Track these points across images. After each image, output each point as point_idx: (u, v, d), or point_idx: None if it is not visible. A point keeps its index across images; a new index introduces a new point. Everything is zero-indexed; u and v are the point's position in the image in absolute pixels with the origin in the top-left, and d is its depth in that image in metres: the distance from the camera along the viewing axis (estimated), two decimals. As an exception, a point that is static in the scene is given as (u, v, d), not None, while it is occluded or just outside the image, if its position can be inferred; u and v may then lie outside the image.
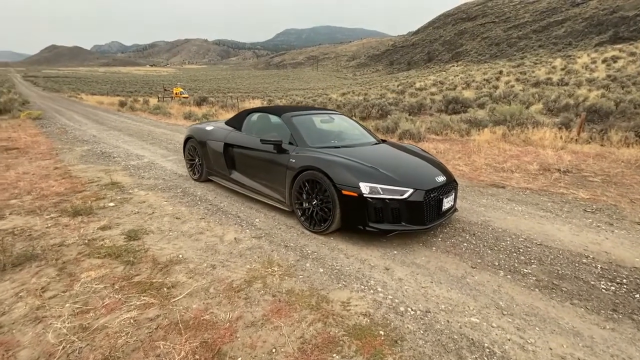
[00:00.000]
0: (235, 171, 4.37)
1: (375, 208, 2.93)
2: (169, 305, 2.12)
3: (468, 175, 5.90)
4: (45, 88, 56.72)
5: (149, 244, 2.97)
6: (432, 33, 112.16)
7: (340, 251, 2.95)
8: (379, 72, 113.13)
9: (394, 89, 34.85)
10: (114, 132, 11.06)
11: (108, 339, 1.82)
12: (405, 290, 2.37)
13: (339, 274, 2.56)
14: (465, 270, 2.66)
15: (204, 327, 1.93)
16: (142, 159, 6.93)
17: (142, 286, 2.31)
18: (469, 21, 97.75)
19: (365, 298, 2.25)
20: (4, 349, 1.73)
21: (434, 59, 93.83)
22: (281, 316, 2.04)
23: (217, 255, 2.81)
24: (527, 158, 6.91)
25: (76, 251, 2.80)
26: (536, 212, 4.00)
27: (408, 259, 2.84)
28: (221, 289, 2.31)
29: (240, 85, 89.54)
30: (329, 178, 3.03)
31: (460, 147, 8.41)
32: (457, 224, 3.58)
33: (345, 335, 1.89)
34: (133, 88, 68.50)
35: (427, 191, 3.02)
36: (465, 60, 75.31)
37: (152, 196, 4.39)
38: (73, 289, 2.27)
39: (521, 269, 2.68)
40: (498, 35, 78.26)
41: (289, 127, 3.79)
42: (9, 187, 4.82)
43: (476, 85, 26.82)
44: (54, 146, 8.28)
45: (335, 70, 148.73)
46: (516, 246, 3.07)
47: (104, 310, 2.05)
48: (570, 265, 2.73)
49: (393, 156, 3.68)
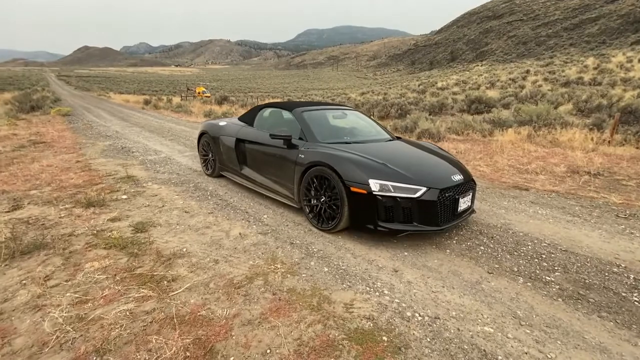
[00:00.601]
0: (246, 167, 4.33)
1: (386, 206, 2.78)
2: (166, 298, 2.08)
3: (489, 176, 5.62)
4: (76, 87, 59.53)
5: (155, 237, 2.96)
6: (456, 32, 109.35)
7: (347, 250, 2.83)
8: (400, 72, 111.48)
9: (415, 88, 34.16)
10: (136, 129, 11.38)
11: (102, 330, 1.78)
12: (414, 294, 2.22)
13: (344, 274, 2.44)
14: (481, 276, 2.47)
15: (199, 323, 1.87)
16: (160, 154, 7.06)
17: (143, 278, 2.28)
18: (495, 19, 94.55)
19: (370, 300, 2.13)
20: (0, 336, 1.73)
21: (457, 59, 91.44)
22: (280, 315, 1.95)
23: (221, 250, 2.75)
24: (554, 160, 6.53)
25: (84, 241, 2.82)
26: (562, 216, 3.72)
27: (419, 261, 2.68)
28: (221, 285, 2.25)
29: (260, 85, 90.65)
30: (338, 174, 2.92)
31: (482, 148, 8.07)
32: (475, 227, 3.38)
33: (346, 339, 1.78)
34: (158, 87, 70.79)
35: (441, 190, 2.85)
36: (490, 59, 72.86)
37: (164, 190, 4.42)
38: (75, 278, 2.27)
39: (543, 277, 2.46)
40: (526, 33, 75.18)
41: (300, 122, 3.70)
42: (31, 178, 5.00)
43: (501, 85, 25.81)
44: (78, 141, 8.59)
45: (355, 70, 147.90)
46: (538, 252, 2.84)
47: (102, 301, 2.03)
48: (598, 275, 2.49)
49: (407, 153, 3.51)
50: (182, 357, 1.62)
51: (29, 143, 8.11)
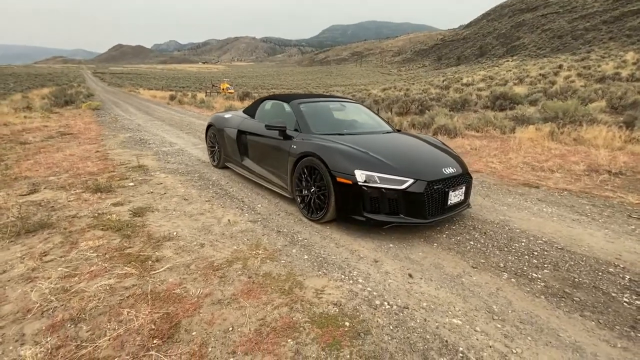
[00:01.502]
0: (247, 158, 4.42)
1: (371, 197, 2.76)
2: (147, 276, 2.19)
3: (499, 172, 5.42)
4: (110, 83, 62.54)
5: (150, 221, 3.10)
6: (486, 26, 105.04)
7: (332, 240, 2.84)
8: (426, 68, 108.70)
9: (439, 84, 33.22)
10: (158, 122, 11.83)
11: (81, 301, 1.91)
12: (389, 284, 2.20)
13: (323, 262, 2.46)
14: (464, 270, 2.41)
15: (172, 300, 1.96)
16: (174, 146, 7.32)
17: (130, 257, 2.41)
18: (528, 12, 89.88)
19: (342, 288, 2.13)
20: (-7, 301, 1.90)
21: (486, 54, 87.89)
22: (250, 297, 2.00)
23: (209, 235, 2.85)
24: (574, 158, 6.18)
25: (85, 223, 3.00)
26: (568, 214, 3.54)
27: (403, 253, 2.65)
28: (201, 267, 2.33)
29: (283, 82, 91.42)
30: (325, 164, 2.93)
31: (499, 144, 7.78)
32: (469, 222, 3.28)
33: (308, 322, 1.80)
34: (185, 84, 73.07)
35: (429, 182, 2.79)
36: (522, 54, 69.45)
37: (170, 179, 4.60)
38: (69, 255, 2.44)
39: (530, 273, 2.37)
40: (562, 26, 70.94)
41: (296, 113, 3.73)
42: (53, 166, 5.35)
43: (530, 80, 24.54)
44: (102, 133, 9.06)
45: (379, 66, 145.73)
46: (531, 248, 2.73)
47: (88, 276, 2.16)
48: (591, 274, 2.35)
49: (400, 145, 3.46)
50: (148, 329, 1.70)
51: (57, 134, 8.66)
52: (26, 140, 7.72)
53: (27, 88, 39.15)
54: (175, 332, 1.70)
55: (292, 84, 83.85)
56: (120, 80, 75.03)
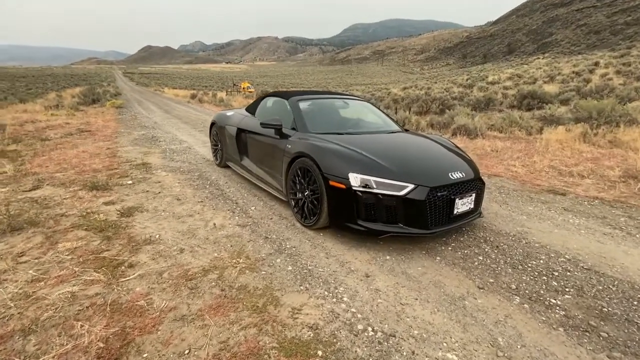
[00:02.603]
0: (246, 157, 4.25)
1: (367, 204, 2.49)
2: (114, 284, 2.03)
3: (521, 177, 4.97)
4: (138, 83, 64.95)
5: (136, 222, 2.98)
6: (515, 22, 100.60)
7: (323, 249, 2.59)
8: (450, 66, 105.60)
9: (462, 82, 32.04)
10: (174, 120, 11.98)
11: (38, 310, 1.77)
12: (377, 304, 1.94)
13: (307, 274, 2.22)
14: (468, 290, 2.10)
15: (132, 313, 1.78)
16: (183, 143, 7.30)
17: (103, 262, 2.27)
18: (562, 7, 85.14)
19: (323, 307, 1.89)
20: (-50, 306, 1.80)
21: (515, 51, 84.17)
22: (217, 314, 1.80)
23: (192, 240, 2.68)
24: (609, 162, 5.60)
25: (70, 222, 2.92)
26: (599, 227, 3.11)
27: (400, 267, 2.36)
28: (174, 275, 2.16)
29: (304, 81, 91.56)
30: (318, 166, 2.68)
31: (523, 146, 7.24)
32: (481, 233, 2.94)
33: (275, 349, 1.57)
34: (208, 83, 74.70)
35: (432, 188, 2.48)
36: (554, 51, 65.86)
37: (169, 177, 4.50)
38: (45, 256, 2.33)
39: (547, 298, 2.02)
40: (599, 21, 66.60)
41: (293, 111, 3.51)
42: (63, 162, 5.41)
43: (562, 78, 23.10)
44: (118, 130, 9.23)
45: (401, 64, 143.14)
46: (551, 267, 2.37)
47: (54, 281, 2.04)
48: (624, 303, 1.98)
49: (404, 146, 3.15)
50: (96, 348, 1.53)
51: (76, 131, 8.89)
52: (47, 137, 7.95)
53: (62, 87, 41.31)
54: (125, 352, 1.52)
55: (312, 82, 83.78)
56: (148, 80, 77.78)
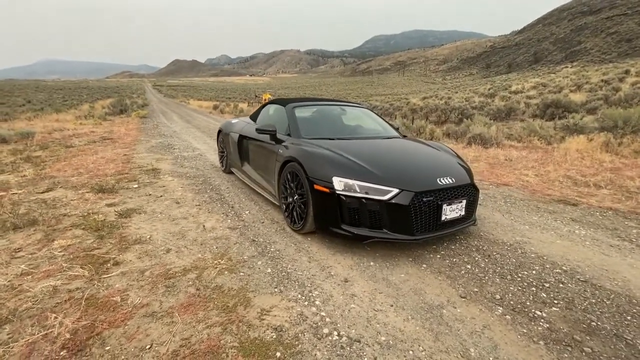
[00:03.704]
0: (247, 163, 4.33)
1: (351, 208, 2.47)
2: (96, 280, 2.10)
3: (532, 187, 4.77)
4: (165, 95, 67.99)
5: (132, 223, 3.08)
6: (541, 31, 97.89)
7: (307, 253, 2.57)
8: (473, 76, 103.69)
9: (484, 92, 31.31)
10: (192, 130, 12.41)
11: (18, 301, 1.86)
12: (349, 309, 1.89)
13: (284, 277, 2.21)
14: (449, 299, 2.01)
15: (106, 307, 1.83)
16: (196, 151, 7.53)
17: (91, 259, 2.36)
18: (590, 15, 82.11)
19: (292, 310, 1.86)
20: (-56, 295, 1.92)
21: (541, 60, 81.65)
22: (186, 312, 1.82)
23: (181, 241, 2.73)
24: (631, 172, 5.28)
25: (71, 221, 3.06)
26: (606, 238, 2.92)
27: (382, 273, 2.30)
28: (155, 274, 2.21)
29: (324, 92, 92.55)
30: (304, 170, 2.69)
31: (540, 156, 6.96)
32: (475, 241, 2.82)
33: (235, 348, 1.56)
34: (232, 95, 77.06)
35: (417, 193, 2.42)
36: (583, 60, 63.31)
37: (174, 182, 4.64)
38: (39, 253, 2.45)
39: (532, 310, 1.90)
40: (631, 29, 63.57)
41: (289, 117, 3.56)
42: (80, 167, 5.71)
43: (589, 87, 22.08)
44: (139, 138, 9.66)
45: (422, 75, 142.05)
46: (542, 279, 2.23)
47: (41, 275, 2.14)
48: (615, 317, 1.83)
49: (396, 151, 3.10)
50: (63, 339, 1.58)
51: (99, 139, 9.38)
52: (71, 144, 8.44)
53: (95, 99, 43.91)
54: (90, 345, 1.56)
55: (333, 94, 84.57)
56: (175, 92, 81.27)
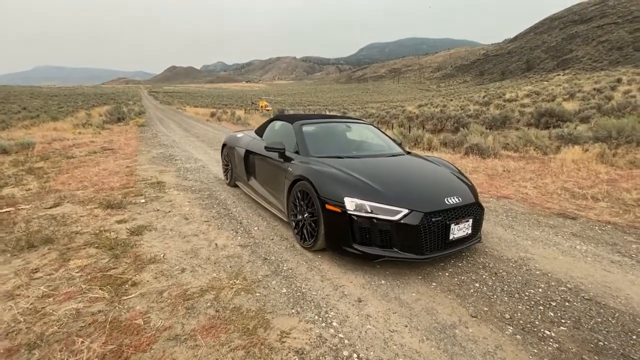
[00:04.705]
0: (253, 178, 4.39)
1: (362, 228, 2.55)
2: (116, 302, 2.15)
3: (532, 200, 4.88)
4: (161, 102, 68.02)
5: (144, 241, 3.13)
6: (534, 39, 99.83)
7: (319, 272, 2.64)
8: (467, 83, 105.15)
9: (479, 100, 31.78)
10: (192, 139, 12.44)
11: (44, 325, 1.90)
12: (366, 331, 1.95)
13: (300, 298, 2.27)
14: (460, 319, 2.09)
15: (130, 331, 1.88)
16: (198, 162, 7.58)
17: (109, 280, 2.40)
18: (581, 24, 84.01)
19: (311, 332, 1.92)
20: (-32, 319, 1.95)
21: (533, 68, 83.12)
22: (209, 335, 1.87)
23: (194, 260, 2.78)
24: (627, 184, 5.42)
25: (84, 240, 3.10)
26: (607, 254, 3.02)
27: (393, 292, 2.38)
28: (173, 295, 2.26)
29: (320, 99, 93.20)
30: (315, 190, 2.77)
31: (537, 167, 7.09)
32: (480, 258, 2.91)
33: (260, 372, 1.62)
34: (228, 101, 77.30)
35: (426, 214, 2.51)
36: (575, 68, 64.61)
37: (180, 196, 4.69)
38: (56, 273, 2.49)
39: (542, 330, 1.98)
40: (621, 37, 65.15)
41: (297, 135, 3.64)
42: (84, 179, 5.74)
43: (582, 96, 22.55)
44: (139, 148, 9.67)
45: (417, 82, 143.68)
46: (549, 297, 2.32)
47: (62, 298, 2.17)
48: (622, 336, 1.91)
49: (402, 170, 3.20)
50: (93, 365, 1.63)
51: (100, 149, 9.39)
52: (72, 155, 8.44)
53: (91, 106, 43.74)
54: (119, 370, 1.61)
55: (329, 100, 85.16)
56: (171, 99, 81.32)
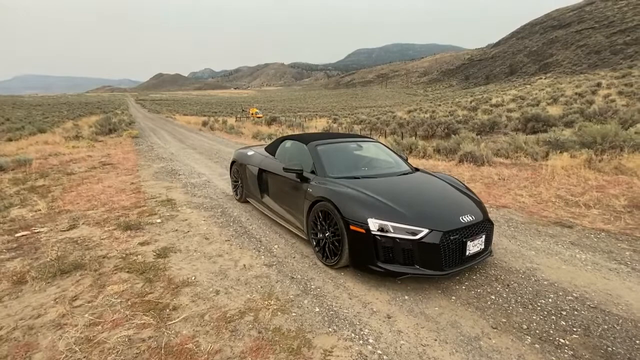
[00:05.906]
0: (267, 195, 4.55)
1: (385, 247, 2.74)
2: (163, 327, 2.27)
3: (529, 208, 5.16)
4: (150, 110, 67.26)
5: (172, 263, 3.24)
6: (516, 44, 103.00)
7: (345, 289, 2.81)
8: (453, 88, 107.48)
9: (466, 105, 32.63)
10: (189, 151, 12.47)
11: (101, 354, 2.02)
12: (400, 345, 2.14)
13: (334, 316, 2.44)
14: (483, 330, 2.29)
15: (183, 356, 2.01)
16: (202, 177, 7.67)
17: (149, 305, 2.52)
18: (560, 29, 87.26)
19: (351, 349, 2.09)
20: (25, 349, 2.05)
21: (517, 72, 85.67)
22: (257, 356, 2.02)
23: (225, 281, 2.92)
24: (614, 190, 5.76)
25: (113, 264, 3.20)
26: (605, 262, 3.28)
27: (418, 307, 2.57)
28: (214, 318, 2.39)
29: (310, 105, 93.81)
30: (339, 211, 2.95)
31: (530, 174, 7.43)
32: (492, 270, 3.13)
33: (314, 390, 1.78)
34: (217, 109, 77.06)
35: (445, 233, 2.72)
36: (556, 71, 66.96)
37: (194, 214, 4.80)
38: (96, 300, 2.59)
39: (557, 338, 2.20)
40: (599, 42, 67.99)
41: (313, 155, 3.83)
42: (92, 198, 5.78)
43: (565, 100, 23.50)
44: (138, 163, 9.68)
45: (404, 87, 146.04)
46: (559, 306, 2.54)
47: (110, 325, 2.29)
48: (627, 342, 2.15)
49: (417, 189, 3.42)
50: (158, 390, 1.76)
51: (99, 164, 9.36)
52: (72, 171, 8.42)
53: (77, 116, 43.04)
54: (184, 394, 1.74)
55: (318, 106, 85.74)
56: (159, 107, 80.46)
